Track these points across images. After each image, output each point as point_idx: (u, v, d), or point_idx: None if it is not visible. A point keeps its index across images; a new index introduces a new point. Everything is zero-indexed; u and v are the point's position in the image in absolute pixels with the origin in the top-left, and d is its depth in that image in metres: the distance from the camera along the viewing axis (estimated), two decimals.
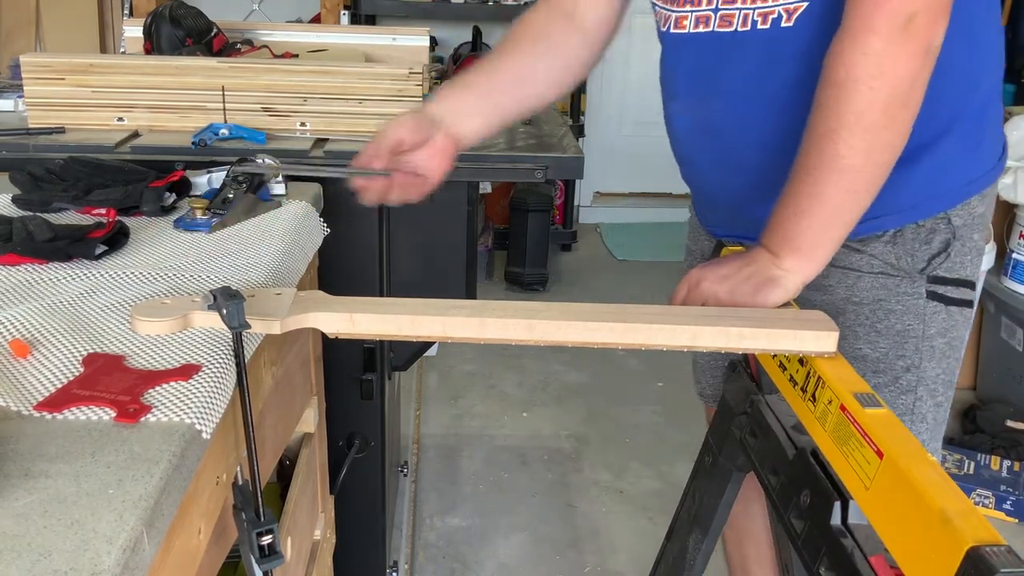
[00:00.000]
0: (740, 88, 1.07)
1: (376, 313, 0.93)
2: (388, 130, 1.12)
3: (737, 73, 1.06)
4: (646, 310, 0.96)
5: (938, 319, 1.10)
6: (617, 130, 4.64)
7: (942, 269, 1.09)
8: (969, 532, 0.66)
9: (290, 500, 1.17)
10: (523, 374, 3.11)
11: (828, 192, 0.94)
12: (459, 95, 1.19)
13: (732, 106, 1.09)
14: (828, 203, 0.95)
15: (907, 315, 1.10)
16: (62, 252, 1.02)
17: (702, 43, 1.08)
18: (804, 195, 0.96)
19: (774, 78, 1.04)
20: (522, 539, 2.26)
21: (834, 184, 0.94)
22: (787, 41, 1.01)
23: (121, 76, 1.50)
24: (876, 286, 1.10)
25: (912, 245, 1.08)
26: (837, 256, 1.08)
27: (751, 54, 1.04)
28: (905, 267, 1.09)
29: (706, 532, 1.26)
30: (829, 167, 0.93)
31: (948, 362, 1.13)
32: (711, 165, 1.17)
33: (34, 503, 0.59)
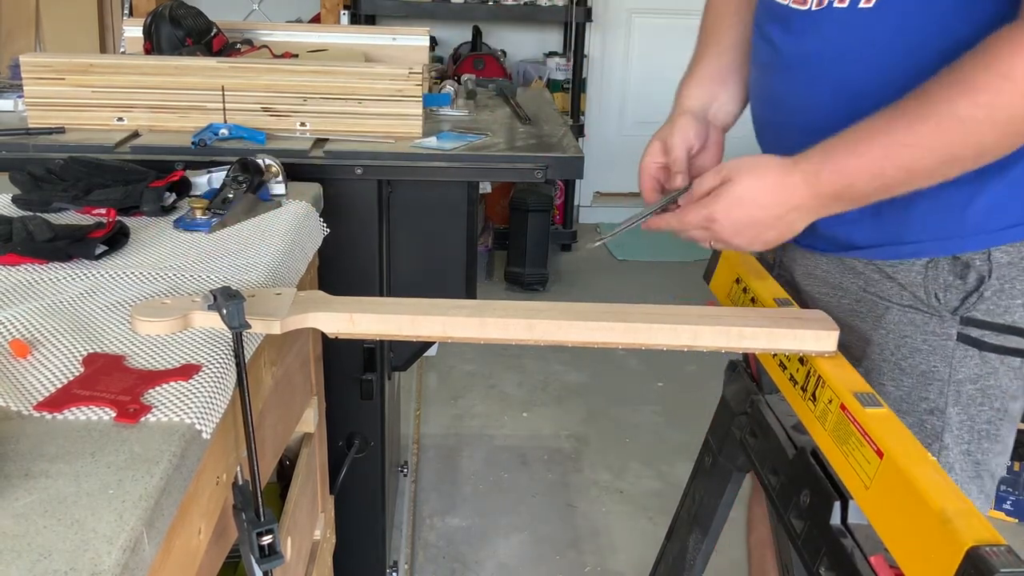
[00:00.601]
0: (807, 67, 1.02)
1: (376, 313, 0.93)
2: (675, 140, 1.11)
3: (807, 51, 1.02)
4: (646, 310, 0.96)
5: (969, 364, 1.02)
6: (617, 130, 4.64)
7: (978, 311, 1.00)
8: (969, 532, 0.66)
9: (290, 500, 1.17)
10: (523, 374, 3.11)
11: (914, 156, 0.88)
12: (709, 84, 1.18)
13: (795, 83, 1.04)
14: (905, 165, 0.88)
15: (933, 356, 1.03)
16: (62, 252, 1.02)
17: (792, 18, 1.03)
18: (890, 142, 0.88)
19: (845, 62, 0.98)
20: (522, 539, 2.26)
21: (925, 154, 0.87)
22: (865, 25, 0.95)
23: (121, 76, 1.50)
24: (904, 321, 1.04)
25: (947, 278, 1.00)
26: (868, 282, 1.06)
27: (826, 33, 0.99)
28: (935, 304, 1.01)
29: (706, 532, 1.26)
30: (941, 148, 0.87)
31: (981, 411, 1.03)
32: (764, 131, 1.14)
33: (34, 503, 0.59)
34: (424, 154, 1.48)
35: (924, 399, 1.04)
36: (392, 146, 1.50)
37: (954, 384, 1.03)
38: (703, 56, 1.22)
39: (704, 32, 1.24)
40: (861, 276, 1.07)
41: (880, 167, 0.89)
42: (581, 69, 4.20)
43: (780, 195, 0.94)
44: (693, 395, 2.97)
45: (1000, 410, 1.04)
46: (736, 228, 0.96)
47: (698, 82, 1.20)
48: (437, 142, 1.52)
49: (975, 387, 1.03)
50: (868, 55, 0.96)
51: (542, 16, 4.14)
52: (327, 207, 1.39)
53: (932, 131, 0.86)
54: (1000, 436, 1.05)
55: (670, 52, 4.46)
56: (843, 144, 0.91)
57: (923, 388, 1.04)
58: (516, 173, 1.52)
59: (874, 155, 0.89)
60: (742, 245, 0.99)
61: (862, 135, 0.90)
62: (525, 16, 4.13)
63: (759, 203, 0.95)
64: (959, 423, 1.04)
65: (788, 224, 0.96)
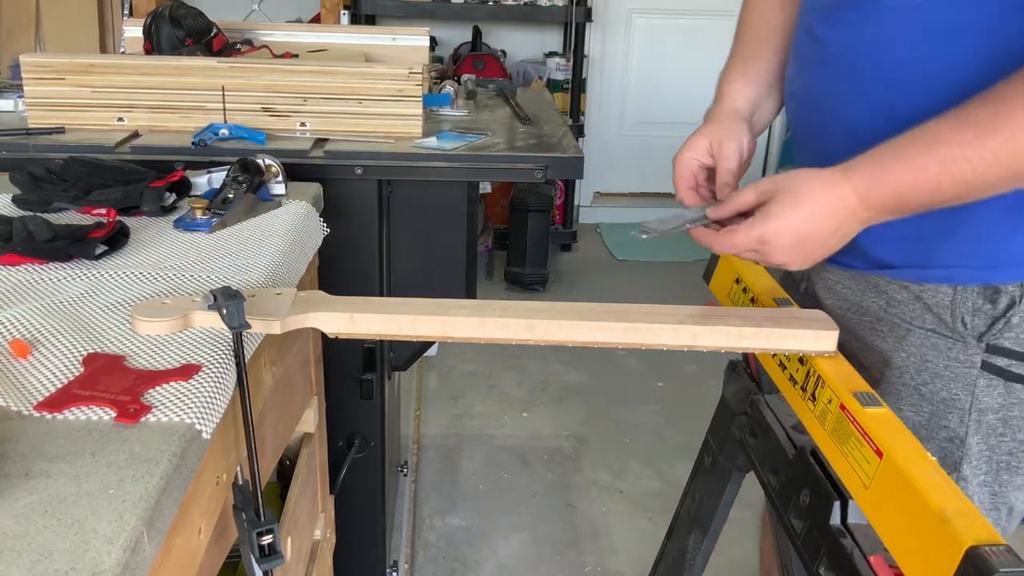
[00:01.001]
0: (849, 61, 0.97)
1: (376, 313, 0.93)
2: (731, 148, 1.04)
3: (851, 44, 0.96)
4: (646, 310, 0.96)
5: (993, 394, 0.97)
6: (617, 130, 4.64)
7: (1006, 339, 0.94)
8: (968, 532, 0.67)
9: (290, 500, 1.17)
10: (523, 374, 3.11)
11: (975, 171, 0.81)
12: (758, 87, 1.13)
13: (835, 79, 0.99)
14: (965, 179, 0.82)
15: (955, 383, 0.98)
16: (62, 252, 1.02)
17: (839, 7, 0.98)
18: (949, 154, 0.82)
19: (891, 55, 0.93)
20: (522, 539, 2.26)
21: (986, 170, 0.81)
22: (918, 14, 0.90)
23: (121, 76, 1.50)
24: (926, 345, 0.99)
25: (976, 301, 0.95)
26: (890, 302, 1.01)
27: (874, 24, 0.94)
28: (960, 329, 0.96)
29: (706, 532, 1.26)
30: (1009, 163, 0.80)
31: (1002, 442, 0.99)
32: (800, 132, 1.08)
33: (34, 503, 0.59)
34: (424, 154, 1.48)
35: (944, 427, 1.00)
36: (392, 146, 1.50)
37: (976, 413, 0.98)
38: (749, 51, 1.15)
39: (747, 28, 1.17)
40: (883, 295, 1.02)
41: (937, 181, 0.83)
42: (581, 69, 4.21)
43: (831, 210, 0.89)
44: (693, 395, 2.97)
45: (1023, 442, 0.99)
46: (789, 247, 0.91)
47: (751, 80, 1.13)
48: (437, 142, 1.52)
49: (997, 417, 0.98)
50: (918, 47, 0.91)
51: (542, 16, 4.14)
52: (327, 207, 1.39)
53: (999, 146, 0.80)
54: (1022, 469, 1.00)
55: (670, 52, 4.52)
56: (898, 154, 0.86)
57: (943, 416, 0.99)
58: (516, 173, 1.52)
59: (932, 169, 0.83)
60: (794, 264, 0.93)
61: (920, 145, 0.84)
62: (525, 16, 4.13)
63: (811, 220, 0.89)
64: (978, 452, 0.99)
65: (840, 239, 0.91)
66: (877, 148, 0.87)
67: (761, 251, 0.92)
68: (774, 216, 0.90)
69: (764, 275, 1.15)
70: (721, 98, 1.13)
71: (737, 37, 1.17)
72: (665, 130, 4.48)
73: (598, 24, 4.38)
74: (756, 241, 0.91)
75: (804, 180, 0.90)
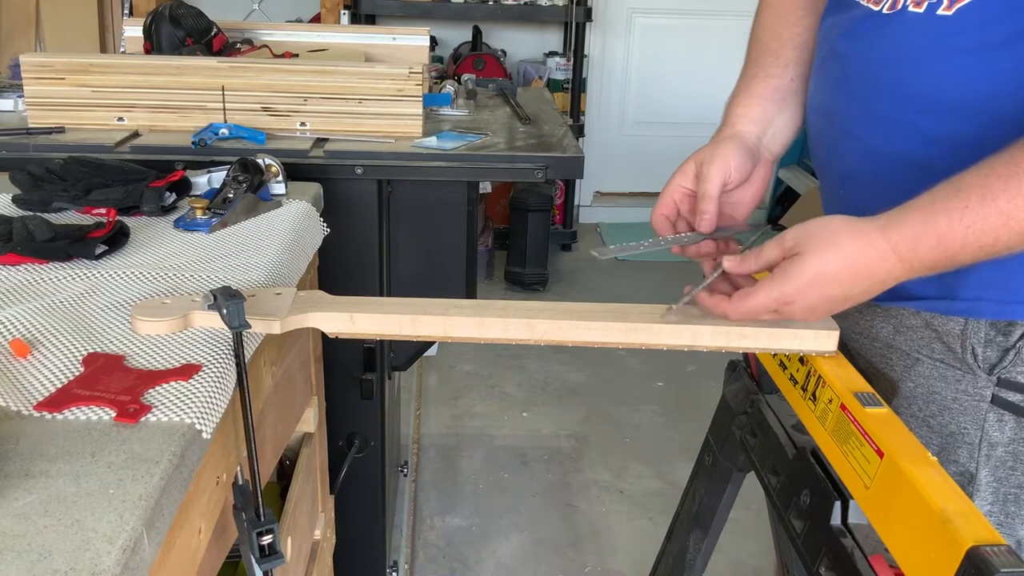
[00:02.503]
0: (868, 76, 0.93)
1: (376, 313, 0.93)
2: (712, 169, 0.97)
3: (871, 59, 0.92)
4: (646, 310, 0.96)
5: (1004, 429, 0.92)
6: (617, 130, 4.64)
7: (1019, 373, 0.90)
8: (969, 532, 0.66)
9: (290, 500, 1.17)
10: (523, 374, 3.11)
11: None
12: (766, 104, 1.05)
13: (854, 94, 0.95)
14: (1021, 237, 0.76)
15: (963, 416, 0.93)
16: (62, 252, 1.02)
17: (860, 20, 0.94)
18: (1009, 207, 0.75)
19: (912, 72, 0.88)
20: (522, 539, 2.26)
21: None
22: (941, 33, 0.85)
23: (121, 76, 1.50)
24: (934, 376, 0.95)
25: (988, 332, 0.91)
26: (898, 328, 0.98)
27: (895, 40, 0.89)
28: (969, 361, 0.92)
29: (706, 532, 1.26)
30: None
31: (1012, 475, 0.93)
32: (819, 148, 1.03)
33: (34, 503, 0.59)
34: (424, 154, 1.48)
35: (953, 462, 0.95)
36: (392, 146, 1.50)
37: (985, 447, 0.93)
38: (756, 70, 1.08)
39: (757, 44, 1.11)
40: (894, 319, 0.98)
41: (995, 237, 0.76)
42: (581, 69, 4.21)
43: (866, 268, 0.81)
44: (693, 395, 2.97)
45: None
46: (813, 308, 0.85)
47: (755, 101, 1.06)
48: (437, 142, 1.52)
49: (1007, 450, 0.93)
50: (938, 65, 0.86)
51: (542, 16, 4.14)
52: (327, 207, 1.39)
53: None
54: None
55: (670, 52, 4.52)
56: (947, 209, 0.78)
57: (952, 450, 0.94)
58: (516, 173, 1.52)
59: (989, 223, 0.76)
60: (815, 319, 0.88)
61: (972, 197, 0.76)
62: (525, 16, 4.13)
63: (840, 280, 0.82)
64: (986, 485, 0.94)
65: (873, 293, 0.84)
66: (918, 201, 0.80)
67: (783, 312, 0.86)
68: (796, 275, 0.83)
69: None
70: (723, 122, 1.08)
71: (747, 56, 1.12)
72: (665, 130, 4.50)
73: (598, 24, 4.38)
74: (777, 302, 0.85)
75: (832, 232, 0.83)
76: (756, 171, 1.03)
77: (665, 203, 1.01)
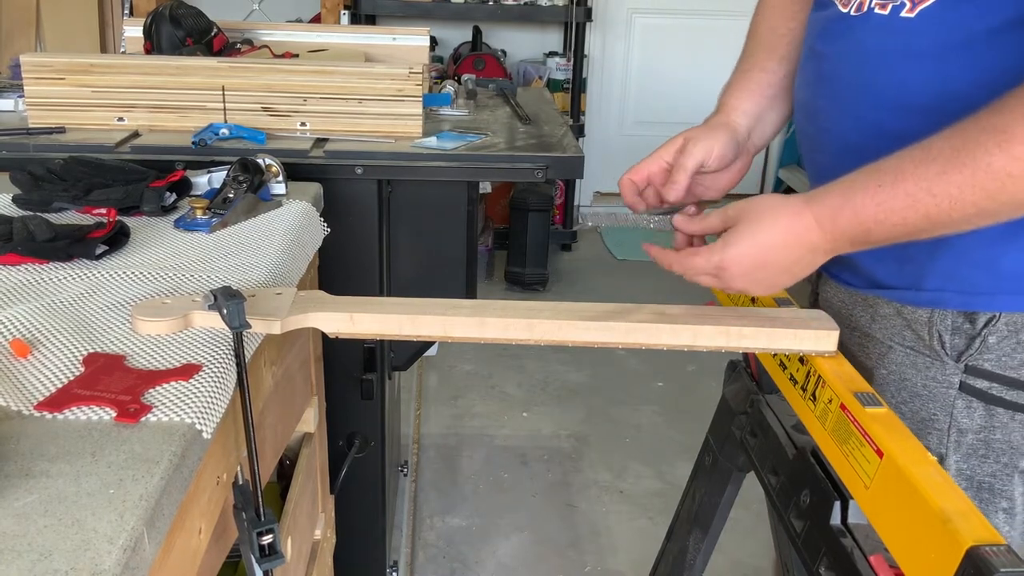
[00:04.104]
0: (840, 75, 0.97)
1: (376, 313, 0.93)
2: (697, 148, 1.03)
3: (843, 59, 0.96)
4: (646, 309, 0.96)
5: (973, 416, 0.95)
6: (617, 130, 4.64)
7: (986, 361, 0.93)
8: (969, 532, 0.66)
9: (290, 500, 1.17)
10: (523, 374, 3.11)
11: (940, 206, 0.80)
12: (760, 99, 1.11)
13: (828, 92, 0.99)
14: (930, 215, 0.81)
15: (932, 403, 0.96)
16: (62, 252, 1.02)
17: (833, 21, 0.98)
18: (915, 189, 0.81)
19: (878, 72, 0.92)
20: (522, 539, 2.26)
21: (952, 205, 0.79)
22: (904, 34, 0.89)
23: (121, 76, 1.50)
24: (905, 363, 0.98)
25: (955, 319, 0.94)
26: (875, 317, 1.01)
27: (863, 41, 0.93)
28: (937, 348, 0.95)
29: (706, 532, 1.26)
30: (973, 201, 0.78)
31: (984, 464, 0.96)
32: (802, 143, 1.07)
33: (35, 503, 0.59)
34: (424, 154, 1.48)
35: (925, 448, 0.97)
36: (392, 146, 1.50)
37: (955, 434, 0.96)
38: (753, 64, 1.13)
39: (754, 37, 1.15)
40: (869, 310, 1.02)
41: (903, 216, 0.82)
42: (581, 69, 4.21)
43: (795, 239, 0.88)
44: (693, 395, 2.97)
45: (1008, 466, 0.96)
46: (748, 275, 0.91)
47: (748, 94, 1.11)
48: (437, 142, 1.52)
49: (978, 438, 0.96)
50: (904, 66, 0.90)
51: (542, 16, 4.14)
52: (327, 207, 1.39)
53: (964, 182, 0.78)
54: (1007, 493, 0.97)
55: (670, 52, 4.52)
56: (864, 188, 0.84)
57: (923, 436, 0.97)
58: (516, 173, 1.52)
59: (897, 204, 0.82)
60: (754, 291, 0.94)
61: (886, 179, 0.83)
62: (525, 16, 4.13)
63: (770, 249, 0.89)
64: (957, 472, 0.97)
65: (803, 268, 0.91)
66: (842, 179, 0.87)
67: (719, 277, 0.92)
68: (733, 244, 0.90)
69: None
70: (717, 109, 1.12)
71: (743, 49, 1.16)
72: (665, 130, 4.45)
73: (598, 24, 4.38)
74: (715, 267, 0.91)
75: (768, 209, 0.90)
76: (736, 162, 1.09)
77: (640, 171, 1.07)
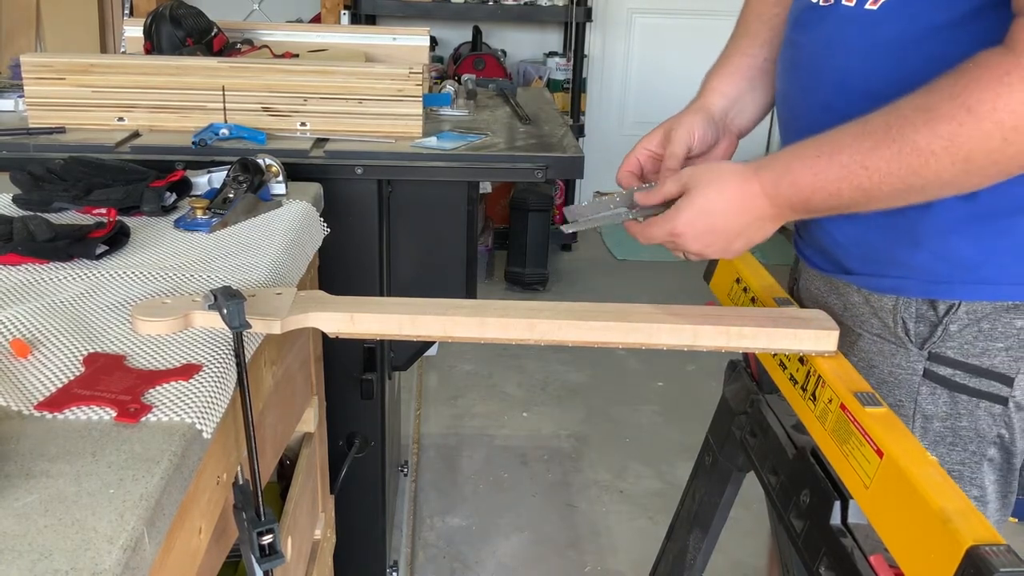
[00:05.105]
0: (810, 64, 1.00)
1: (376, 313, 0.93)
2: (679, 134, 1.07)
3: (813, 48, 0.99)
4: (646, 309, 0.96)
5: (937, 403, 0.97)
6: (617, 130, 4.64)
7: (949, 349, 0.95)
8: (969, 531, 0.67)
9: (290, 500, 1.17)
10: (523, 374, 3.11)
11: (871, 179, 0.83)
12: (738, 80, 1.14)
13: (801, 80, 1.02)
14: (863, 187, 0.84)
15: (898, 389, 0.99)
16: (62, 252, 1.02)
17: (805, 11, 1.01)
18: (849, 162, 0.84)
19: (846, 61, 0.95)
20: (522, 539, 2.26)
21: (882, 179, 0.83)
22: (868, 25, 0.92)
23: (121, 76, 1.50)
24: (873, 350, 1.01)
25: (919, 307, 0.96)
26: (847, 305, 1.03)
27: (831, 31, 0.96)
28: (901, 335, 0.98)
29: (706, 532, 1.26)
30: (900, 176, 0.82)
31: (952, 451, 0.98)
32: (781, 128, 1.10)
33: (35, 503, 0.59)
34: (424, 154, 1.48)
35: None
36: (392, 146, 1.50)
37: (920, 420, 0.98)
38: (735, 49, 1.16)
39: (740, 23, 1.18)
40: (842, 297, 1.04)
41: (837, 187, 0.86)
42: (581, 69, 4.21)
43: (742, 205, 0.92)
44: (693, 395, 2.97)
45: (977, 454, 0.98)
46: (702, 240, 0.94)
47: (727, 77, 1.15)
48: (437, 142, 1.52)
49: (944, 426, 0.98)
50: (868, 56, 0.93)
51: (542, 16, 4.14)
52: (327, 207, 1.39)
53: (893, 157, 0.82)
54: (977, 481, 0.99)
55: (670, 52, 4.52)
56: (803, 158, 0.88)
57: None
58: (516, 173, 1.52)
59: (832, 174, 0.86)
60: (711, 255, 0.97)
61: (824, 150, 0.87)
62: (525, 16, 4.13)
63: (719, 214, 0.93)
64: None
65: (755, 231, 0.94)
66: (788, 148, 0.90)
67: (676, 242, 0.96)
68: (684, 209, 0.93)
69: (764, 275, 1.15)
70: (698, 93, 1.16)
71: (731, 34, 1.19)
72: None
73: (598, 24, 4.38)
74: (669, 233, 0.95)
75: (717, 176, 0.94)
76: (719, 143, 1.11)
77: (631, 162, 1.10)
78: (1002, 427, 0.97)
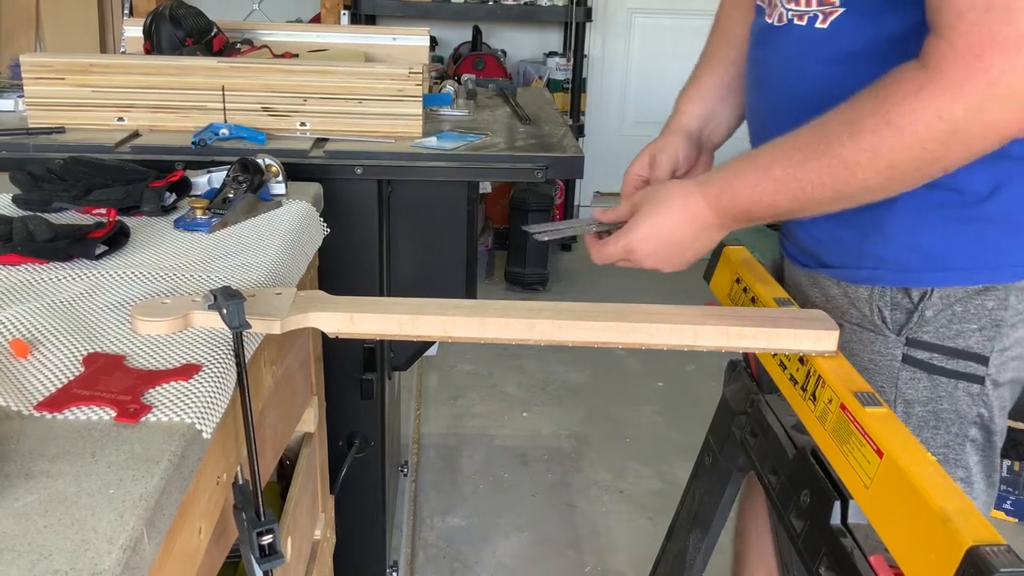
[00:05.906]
0: (768, 81, 1.06)
1: (376, 313, 0.93)
2: (663, 159, 1.15)
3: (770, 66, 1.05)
4: (646, 310, 0.96)
5: (918, 387, 1.01)
6: (617, 130, 4.64)
7: (925, 333, 0.99)
8: (969, 532, 0.67)
9: (290, 500, 1.17)
10: (523, 374, 3.11)
11: (804, 190, 0.88)
12: (709, 101, 1.21)
13: (761, 96, 1.09)
14: (797, 198, 0.89)
15: (879, 376, 1.02)
16: (62, 252, 1.02)
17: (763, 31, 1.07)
18: (783, 175, 0.90)
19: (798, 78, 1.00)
20: (522, 539, 2.26)
21: (814, 190, 0.88)
22: (819, 44, 0.97)
23: (121, 76, 1.50)
24: (853, 340, 1.04)
25: (893, 296, 1.00)
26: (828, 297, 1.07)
27: (785, 49, 1.02)
28: (878, 323, 1.02)
29: (706, 532, 1.26)
30: (830, 186, 0.87)
31: (936, 435, 1.02)
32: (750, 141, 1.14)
33: (35, 503, 0.59)
34: (424, 154, 1.48)
35: None
36: (392, 146, 1.50)
37: (902, 404, 1.02)
38: (705, 69, 1.23)
39: (709, 42, 1.25)
40: (823, 290, 1.08)
41: (773, 199, 0.91)
42: (581, 69, 4.20)
43: (688, 218, 0.98)
44: (693, 395, 2.97)
45: (959, 435, 1.01)
46: (654, 254, 1.00)
47: (698, 98, 1.22)
48: (437, 142, 1.52)
49: (926, 409, 1.01)
50: (818, 73, 0.98)
51: (542, 16, 4.14)
52: (327, 207, 1.39)
53: (822, 169, 0.86)
54: (962, 463, 1.02)
55: (670, 52, 4.51)
56: (740, 173, 0.94)
57: None
58: (516, 173, 1.52)
59: (767, 187, 0.91)
60: (666, 267, 1.02)
61: (759, 164, 0.92)
62: (525, 16, 4.13)
63: (669, 229, 0.99)
64: None
65: (703, 242, 1.00)
66: (728, 163, 0.97)
67: (631, 259, 1.02)
68: (636, 227, 1.00)
69: (764, 274, 1.15)
70: (672, 113, 1.23)
71: (702, 52, 1.26)
72: None
73: (598, 24, 4.38)
74: (624, 251, 1.01)
75: (664, 194, 1.00)
76: (701, 159, 1.20)
77: (629, 186, 1.18)
78: (981, 406, 1.01)
